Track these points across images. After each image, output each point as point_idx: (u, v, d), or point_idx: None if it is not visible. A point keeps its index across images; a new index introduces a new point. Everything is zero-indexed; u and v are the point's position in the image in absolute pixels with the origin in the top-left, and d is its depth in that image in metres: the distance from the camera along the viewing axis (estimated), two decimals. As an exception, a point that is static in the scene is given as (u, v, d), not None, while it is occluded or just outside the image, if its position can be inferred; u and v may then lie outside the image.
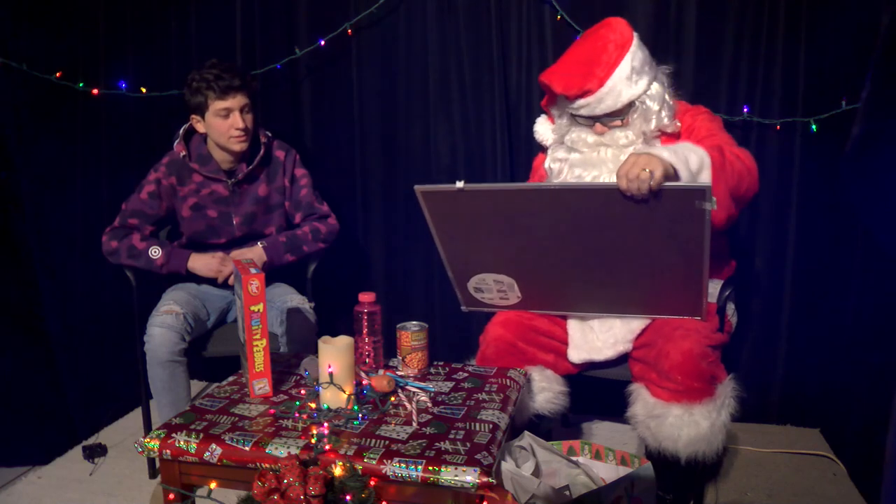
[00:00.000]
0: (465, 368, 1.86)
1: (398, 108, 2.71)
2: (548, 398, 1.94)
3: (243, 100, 2.18)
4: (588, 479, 1.59)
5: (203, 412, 1.61)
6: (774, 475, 2.20)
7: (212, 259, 2.24)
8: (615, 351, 1.92)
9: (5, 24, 2.39)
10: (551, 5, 2.45)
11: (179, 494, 1.50)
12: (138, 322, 2.25)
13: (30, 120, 2.47)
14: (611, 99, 1.85)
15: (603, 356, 1.93)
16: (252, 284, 1.62)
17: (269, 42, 2.74)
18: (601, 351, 1.93)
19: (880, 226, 0.85)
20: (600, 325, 1.93)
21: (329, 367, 1.59)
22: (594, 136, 1.92)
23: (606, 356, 1.93)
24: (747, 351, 2.52)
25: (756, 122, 2.37)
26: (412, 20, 2.62)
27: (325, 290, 2.52)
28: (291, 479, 1.28)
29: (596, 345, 1.93)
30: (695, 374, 1.74)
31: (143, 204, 2.27)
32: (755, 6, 2.32)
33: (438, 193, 1.76)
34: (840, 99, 2.25)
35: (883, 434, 0.90)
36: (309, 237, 2.34)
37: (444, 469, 1.35)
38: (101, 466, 2.39)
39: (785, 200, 2.40)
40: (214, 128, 2.19)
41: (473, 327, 2.57)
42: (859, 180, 0.84)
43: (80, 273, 2.64)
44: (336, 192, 2.69)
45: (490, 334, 1.97)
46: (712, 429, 1.75)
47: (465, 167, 2.66)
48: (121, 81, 2.66)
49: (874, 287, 2.19)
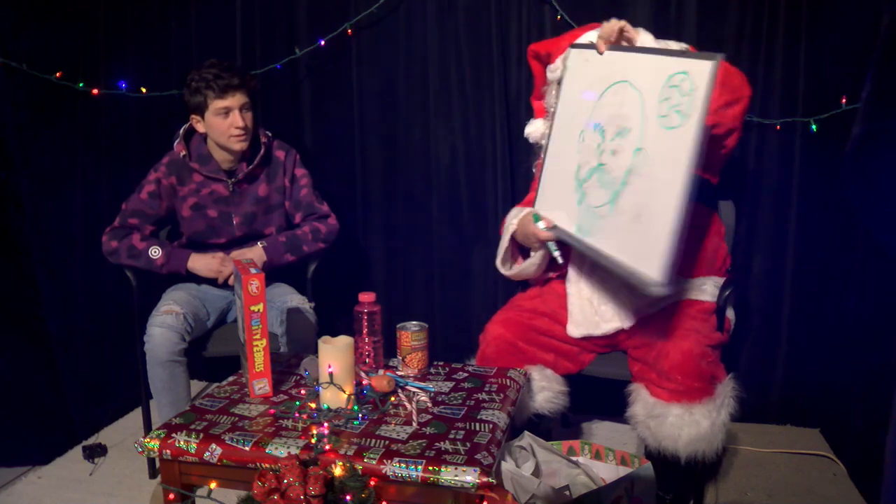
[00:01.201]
0: (465, 368, 1.86)
1: (398, 108, 2.71)
2: (547, 398, 1.95)
3: (242, 98, 2.18)
4: (588, 479, 1.59)
5: (203, 412, 1.61)
6: (774, 475, 2.20)
7: (212, 259, 2.24)
8: (612, 326, 1.94)
9: (5, 24, 2.39)
10: (551, 5, 2.45)
11: (179, 494, 1.51)
12: (138, 322, 2.25)
13: (30, 120, 2.47)
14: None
15: (601, 331, 1.96)
16: (252, 284, 1.62)
17: (269, 42, 2.74)
18: (599, 325, 1.96)
19: (880, 226, 0.85)
20: (599, 299, 1.96)
21: (329, 367, 1.59)
22: None
23: (605, 331, 1.96)
24: (747, 351, 2.52)
25: (756, 122, 2.37)
26: (412, 20, 2.62)
27: (325, 290, 2.52)
28: (291, 479, 1.28)
29: (594, 319, 1.96)
30: (695, 373, 1.75)
31: (143, 204, 2.27)
32: (755, 6, 2.32)
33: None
34: (840, 99, 2.25)
35: (883, 434, 0.90)
36: (309, 237, 2.34)
37: (444, 469, 1.35)
38: (101, 466, 2.39)
39: (785, 200, 2.40)
40: (214, 127, 2.19)
41: (473, 327, 2.56)
42: (859, 180, 0.84)
43: (80, 273, 2.64)
44: (336, 191, 2.69)
45: (490, 334, 1.97)
46: (712, 428, 1.75)
47: (465, 167, 2.67)
48: (121, 81, 2.66)
49: (874, 287, 2.19)
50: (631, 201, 1.62)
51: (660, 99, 1.58)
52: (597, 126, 1.77)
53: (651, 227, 1.55)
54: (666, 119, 1.55)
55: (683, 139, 1.49)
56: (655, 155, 1.57)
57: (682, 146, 1.49)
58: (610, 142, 1.72)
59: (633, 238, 1.61)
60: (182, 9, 2.77)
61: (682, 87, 1.52)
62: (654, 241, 1.53)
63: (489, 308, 2.53)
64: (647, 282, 1.54)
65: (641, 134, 1.62)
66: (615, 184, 1.67)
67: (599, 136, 1.76)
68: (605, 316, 1.95)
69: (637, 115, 1.64)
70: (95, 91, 2.62)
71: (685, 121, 1.50)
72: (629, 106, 1.67)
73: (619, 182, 1.66)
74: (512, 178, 2.62)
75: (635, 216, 1.61)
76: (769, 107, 2.37)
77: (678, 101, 1.52)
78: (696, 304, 1.95)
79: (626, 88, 1.69)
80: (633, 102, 1.66)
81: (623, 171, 1.65)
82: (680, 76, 1.53)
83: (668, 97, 1.55)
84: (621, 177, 1.66)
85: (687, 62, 1.53)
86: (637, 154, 1.62)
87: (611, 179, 1.69)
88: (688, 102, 1.50)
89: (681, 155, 1.49)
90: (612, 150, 1.71)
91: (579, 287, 2.01)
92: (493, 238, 2.67)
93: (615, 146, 1.69)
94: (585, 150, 1.81)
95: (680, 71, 1.54)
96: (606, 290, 1.96)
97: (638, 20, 2.39)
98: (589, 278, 2.00)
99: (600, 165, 1.74)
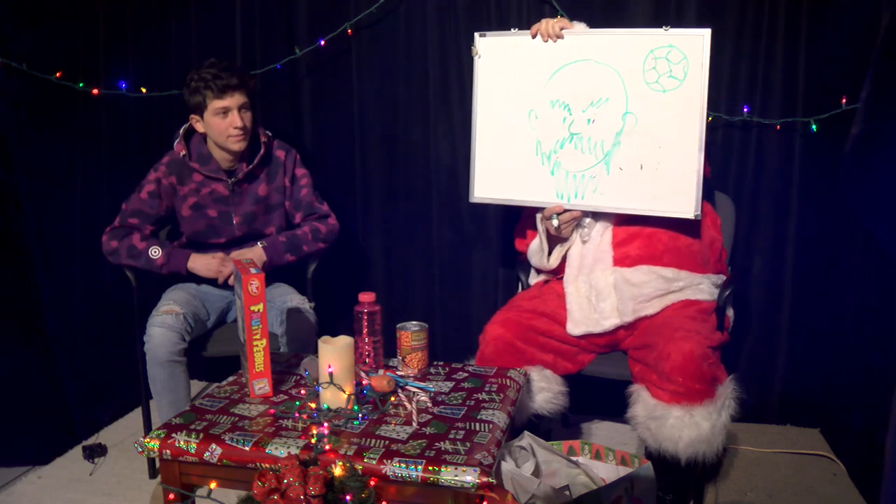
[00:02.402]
0: (464, 368, 1.86)
1: (398, 108, 2.71)
2: (547, 398, 1.95)
3: (241, 98, 2.18)
4: (588, 479, 1.59)
5: (203, 412, 1.61)
6: (774, 475, 2.20)
7: (212, 260, 2.24)
8: (612, 323, 1.96)
9: (5, 24, 2.39)
10: (551, 5, 2.45)
11: (179, 494, 1.50)
12: (138, 322, 2.25)
13: (30, 120, 2.47)
14: None
15: (601, 328, 1.97)
16: (252, 284, 1.62)
17: (269, 42, 2.74)
18: (599, 323, 1.97)
19: (880, 226, 0.85)
20: (597, 296, 1.97)
21: (329, 367, 1.59)
22: None
23: (604, 328, 1.97)
24: (747, 351, 2.52)
25: (756, 122, 2.37)
26: (412, 20, 2.62)
27: (325, 290, 2.52)
28: (291, 479, 1.28)
29: (593, 317, 1.98)
30: (696, 375, 1.74)
31: (143, 203, 2.27)
32: (755, 6, 2.32)
33: None
34: (840, 99, 2.25)
35: (883, 434, 0.90)
36: (309, 237, 2.34)
37: (444, 469, 1.35)
38: (101, 466, 2.39)
39: (785, 200, 2.40)
40: (213, 127, 2.19)
41: (473, 327, 2.57)
42: (858, 180, 0.84)
43: (80, 273, 2.64)
44: (336, 191, 2.68)
45: (489, 334, 1.97)
46: (713, 430, 1.75)
47: (465, 167, 2.66)
48: (121, 81, 2.66)
49: (874, 287, 2.19)
50: (629, 156, 1.93)
51: (644, 69, 1.90)
52: (555, 102, 2.01)
53: (667, 173, 1.89)
54: (657, 84, 1.90)
55: (686, 95, 1.86)
56: (652, 115, 1.90)
57: (689, 101, 1.86)
58: (582, 112, 1.98)
59: (645, 185, 1.92)
60: (182, 9, 2.77)
61: (670, 57, 1.88)
62: (678, 182, 1.88)
63: (489, 308, 2.53)
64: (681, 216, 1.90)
65: (626, 100, 1.93)
66: (604, 147, 1.96)
67: (563, 110, 2.00)
68: (605, 313, 1.96)
69: (614, 86, 1.94)
70: (95, 91, 2.62)
71: (683, 82, 1.87)
72: (599, 79, 1.95)
73: (609, 144, 1.95)
74: (512, 178, 2.62)
75: (637, 168, 1.92)
76: (769, 107, 2.37)
77: (669, 69, 1.88)
78: (696, 304, 1.95)
79: (591, 66, 1.96)
80: (605, 76, 1.95)
81: (613, 134, 1.95)
82: (665, 49, 1.88)
83: (654, 66, 1.89)
84: (611, 139, 1.95)
85: (671, 37, 1.88)
86: (627, 117, 1.93)
87: (594, 144, 1.97)
88: (682, 67, 1.86)
89: (688, 108, 1.86)
90: (587, 119, 1.97)
91: (577, 286, 2.01)
92: (493, 238, 2.67)
93: (591, 115, 1.97)
94: (544, 125, 2.02)
95: (664, 45, 1.88)
96: (604, 287, 1.97)
97: (638, 19, 2.40)
98: (587, 277, 2.00)
99: (573, 135, 1.99)
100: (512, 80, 2.05)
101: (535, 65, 2.02)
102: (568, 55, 1.99)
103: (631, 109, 1.92)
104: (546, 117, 2.02)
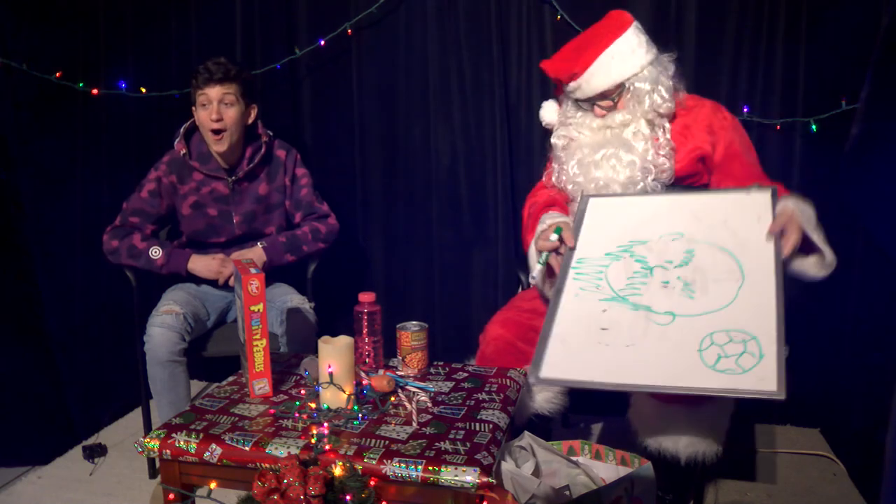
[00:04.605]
0: (465, 368, 1.86)
1: (398, 108, 2.71)
2: (547, 398, 1.94)
3: (223, 91, 2.17)
4: (588, 479, 1.59)
5: (203, 412, 1.61)
6: (774, 475, 2.20)
7: (212, 261, 2.25)
8: None
9: (5, 24, 2.39)
10: (551, 5, 2.45)
11: (179, 494, 1.50)
12: (138, 322, 2.25)
13: (30, 120, 2.47)
14: (597, 80, 1.91)
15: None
16: (252, 284, 1.62)
17: (269, 42, 2.74)
18: None
19: (880, 226, 0.85)
20: None
21: (329, 367, 1.59)
22: (597, 120, 1.97)
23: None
24: (747, 351, 2.52)
25: (756, 122, 2.37)
26: (412, 20, 2.62)
27: (325, 290, 2.52)
28: (291, 479, 1.28)
29: None
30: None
31: (143, 202, 2.27)
32: (755, 6, 2.32)
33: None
34: (840, 99, 2.25)
35: (883, 434, 0.91)
36: (309, 237, 2.34)
37: (444, 469, 1.35)
38: (101, 466, 2.39)
39: (785, 200, 2.40)
40: (198, 118, 2.22)
41: (473, 327, 2.57)
42: (858, 180, 0.84)
43: (80, 273, 2.64)
44: (336, 191, 2.68)
45: (489, 334, 1.97)
46: (713, 431, 1.75)
47: (465, 167, 2.67)
48: (121, 81, 2.66)
49: (874, 287, 2.19)
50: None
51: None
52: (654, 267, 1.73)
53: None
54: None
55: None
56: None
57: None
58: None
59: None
60: (182, 9, 2.77)
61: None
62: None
63: (489, 308, 2.53)
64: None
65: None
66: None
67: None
68: None
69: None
70: (95, 91, 2.62)
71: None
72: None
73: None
74: (512, 178, 2.62)
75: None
76: (769, 107, 2.37)
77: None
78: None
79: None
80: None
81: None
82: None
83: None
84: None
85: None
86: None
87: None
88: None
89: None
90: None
91: None
92: (493, 238, 2.67)
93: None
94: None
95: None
96: None
97: (638, 20, 2.39)
98: None
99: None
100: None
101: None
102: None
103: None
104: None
